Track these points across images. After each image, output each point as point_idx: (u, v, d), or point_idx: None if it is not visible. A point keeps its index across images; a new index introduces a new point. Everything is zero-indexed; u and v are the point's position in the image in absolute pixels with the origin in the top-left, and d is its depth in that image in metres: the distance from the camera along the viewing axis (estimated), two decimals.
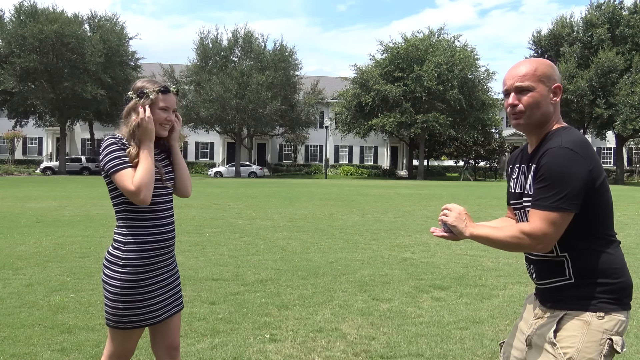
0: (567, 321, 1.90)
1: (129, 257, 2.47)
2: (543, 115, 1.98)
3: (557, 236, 1.89)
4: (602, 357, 1.85)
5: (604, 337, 1.86)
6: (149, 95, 2.51)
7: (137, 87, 2.56)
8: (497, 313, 5.04)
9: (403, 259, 7.76)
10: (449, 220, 2.04)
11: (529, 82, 1.96)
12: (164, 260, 2.57)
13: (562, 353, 1.86)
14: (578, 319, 1.89)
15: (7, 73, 41.14)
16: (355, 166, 53.69)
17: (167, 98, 2.55)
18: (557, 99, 2.00)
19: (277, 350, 4.01)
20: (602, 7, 45.20)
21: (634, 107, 40.42)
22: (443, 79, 44.05)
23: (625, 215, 14.79)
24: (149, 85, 2.55)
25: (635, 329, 4.58)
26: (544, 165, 1.88)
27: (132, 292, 2.47)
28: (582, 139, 1.91)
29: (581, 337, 1.86)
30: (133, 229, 2.49)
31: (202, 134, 51.02)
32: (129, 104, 2.55)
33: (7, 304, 5.10)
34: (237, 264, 7.19)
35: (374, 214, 14.10)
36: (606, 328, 1.87)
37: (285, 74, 46.67)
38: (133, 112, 2.51)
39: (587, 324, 1.87)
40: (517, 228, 1.93)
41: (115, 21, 46.90)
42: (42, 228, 10.39)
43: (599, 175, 1.89)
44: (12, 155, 50.34)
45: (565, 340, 1.88)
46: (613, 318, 1.89)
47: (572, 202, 1.84)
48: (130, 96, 2.55)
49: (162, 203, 2.57)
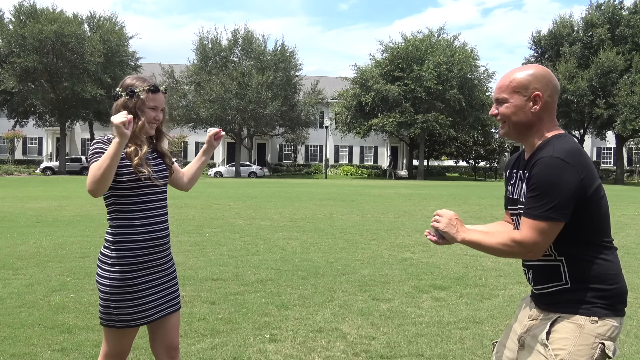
0: (561, 324, 1.92)
1: (117, 255, 2.47)
2: (521, 124, 2.02)
3: (547, 244, 1.92)
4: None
5: (596, 341, 1.88)
6: (139, 94, 2.50)
7: (126, 85, 2.54)
8: (497, 313, 5.04)
9: (403, 259, 7.76)
10: (440, 227, 2.07)
11: (504, 94, 2.03)
12: (156, 259, 2.56)
13: (554, 355, 1.88)
14: (571, 322, 1.91)
15: (7, 73, 41.15)
16: (355, 166, 53.71)
17: (156, 97, 2.54)
18: (537, 107, 2.00)
19: (277, 350, 4.01)
20: (602, 7, 45.20)
21: (634, 107, 40.40)
22: (443, 78, 44.05)
23: (625, 215, 14.79)
24: (138, 84, 2.53)
25: (635, 329, 4.58)
26: (535, 175, 1.92)
27: (121, 291, 2.47)
28: (574, 147, 1.92)
29: (573, 340, 1.88)
30: (122, 228, 2.49)
31: (202, 134, 50.91)
32: (118, 101, 2.53)
33: (7, 304, 5.10)
34: (237, 264, 7.18)
35: (374, 214, 14.10)
36: (599, 332, 1.89)
37: (286, 74, 46.68)
38: (122, 109, 2.48)
39: (580, 327, 1.89)
40: (508, 236, 1.97)
41: (114, 21, 46.93)
42: (42, 228, 10.39)
43: (592, 183, 1.91)
44: (12, 155, 50.36)
45: (557, 342, 1.90)
46: (606, 323, 1.90)
47: (561, 211, 1.87)
48: (119, 93, 2.53)
49: (152, 202, 2.55)
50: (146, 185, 2.53)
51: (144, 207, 2.52)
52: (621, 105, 41.06)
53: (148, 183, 2.53)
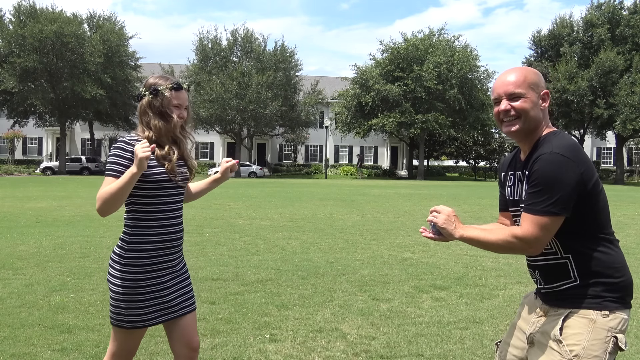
0: (572, 319, 1.95)
1: (130, 256, 2.47)
2: (535, 120, 2.05)
3: (547, 239, 1.95)
4: (607, 354, 1.90)
5: (608, 335, 1.91)
6: (164, 92, 2.50)
7: (149, 84, 2.54)
8: (497, 313, 5.04)
9: (403, 259, 7.76)
10: (438, 222, 2.08)
11: (521, 89, 2.03)
12: (169, 261, 2.55)
13: (569, 350, 1.90)
14: (583, 317, 1.93)
15: (7, 73, 41.16)
16: (355, 166, 53.68)
17: (179, 95, 2.54)
18: (546, 104, 2.08)
19: (277, 350, 4.01)
20: (602, 7, 45.20)
21: (634, 107, 40.40)
22: (443, 78, 44.06)
23: (625, 215, 14.79)
24: (161, 82, 2.53)
25: (635, 329, 4.58)
26: (536, 171, 1.94)
27: (133, 292, 2.46)
28: (572, 143, 1.97)
29: (587, 335, 1.91)
30: (139, 229, 2.49)
31: (202, 134, 50.97)
32: (143, 101, 2.53)
33: (7, 304, 5.10)
34: (237, 264, 7.18)
35: (374, 214, 14.10)
36: (611, 326, 1.92)
37: (286, 74, 46.69)
38: (148, 109, 2.51)
39: (592, 322, 1.92)
40: (509, 231, 1.99)
41: (114, 21, 46.93)
42: (42, 228, 10.39)
43: (591, 177, 1.95)
44: (12, 155, 50.34)
45: (571, 338, 1.92)
46: (617, 316, 1.94)
47: (562, 206, 1.90)
48: (143, 93, 2.54)
49: (171, 203, 2.55)
50: (168, 186, 2.53)
51: (163, 207, 2.52)
52: (621, 105, 41.06)
53: (171, 184, 2.53)
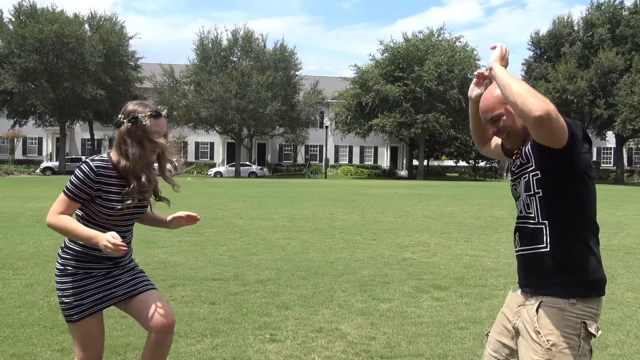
0: (544, 309, 2.04)
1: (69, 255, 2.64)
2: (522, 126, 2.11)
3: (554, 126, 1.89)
4: (580, 340, 2.00)
5: (578, 321, 2.00)
6: (142, 121, 2.49)
7: (128, 111, 2.53)
8: (497, 313, 4.99)
9: (403, 259, 7.76)
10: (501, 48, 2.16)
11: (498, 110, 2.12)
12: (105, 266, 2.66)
13: (546, 340, 2.00)
14: (553, 306, 2.03)
15: (7, 73, 41.16)
16: (355, 166, 53.71)
17: (158, 122, 2.54)
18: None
19: (277, 350, 4.01)
20: (602, 7, 45.21)
21: (634, 107, 40.42)
22: (443, 79, 44.06)
23: (625, 215, 14.79)
24: (140, 109, 2.52)
25: (635, 329, 4.58)
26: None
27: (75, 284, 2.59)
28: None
29: (558, 323, 2.00)
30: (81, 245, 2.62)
31: (202, 134, 51.01)
32: (121, 129, 2.53)
33: (7, 304, 5.10)
34: (237, 264, 7.18)
35: (374, 214, 14.10)
36: (578, 313, 2.01)
37: (286, 74, 46.70)
38: (127, 137, 2.51)
39: (561, 310, 2.02)
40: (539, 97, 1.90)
41: (115, 21, 46.94)
42: (42, 228, 10.38)
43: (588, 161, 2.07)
44: (12, 155, 50.34)
45: (545, 327, 2.02)
46: (585, 304, 2.02)
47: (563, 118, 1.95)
48: (121, 120, 2.53)
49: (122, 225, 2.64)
50: (123, 214, 2.59)
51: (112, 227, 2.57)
52: (621, 105, 41.08)
53: (126, 212, 2.59)
